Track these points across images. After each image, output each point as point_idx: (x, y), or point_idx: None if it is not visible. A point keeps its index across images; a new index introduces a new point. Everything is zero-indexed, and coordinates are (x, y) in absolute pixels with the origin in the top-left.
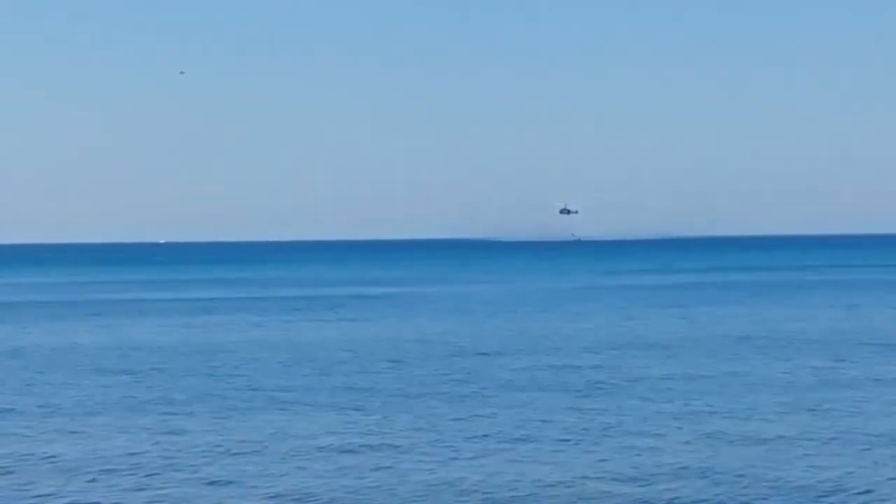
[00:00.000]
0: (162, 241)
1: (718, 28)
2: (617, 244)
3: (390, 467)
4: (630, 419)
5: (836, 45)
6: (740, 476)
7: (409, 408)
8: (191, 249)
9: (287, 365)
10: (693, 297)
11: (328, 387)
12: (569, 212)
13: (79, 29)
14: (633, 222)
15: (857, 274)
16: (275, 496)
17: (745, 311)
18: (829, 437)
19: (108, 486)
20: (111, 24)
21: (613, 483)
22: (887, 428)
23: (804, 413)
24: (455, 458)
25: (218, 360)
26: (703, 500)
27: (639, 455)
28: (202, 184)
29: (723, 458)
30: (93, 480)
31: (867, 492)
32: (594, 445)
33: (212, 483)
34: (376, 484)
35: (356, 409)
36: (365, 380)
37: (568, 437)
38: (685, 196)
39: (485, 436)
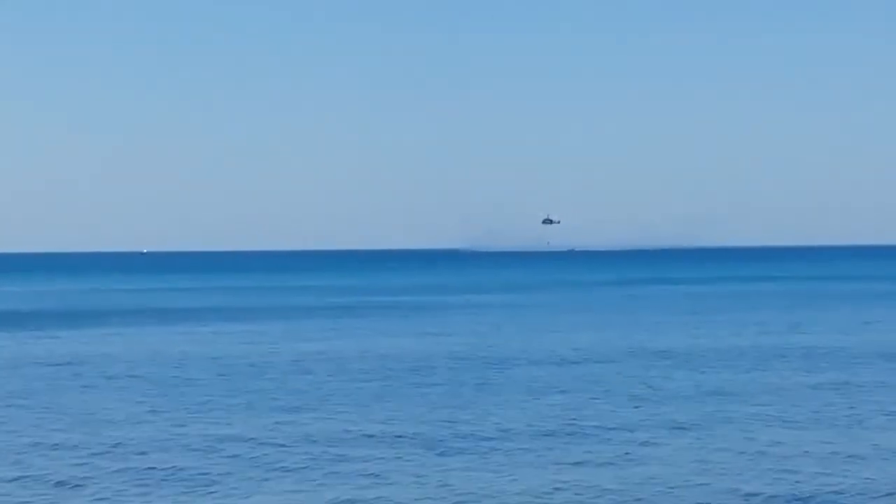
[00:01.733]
0: (145, 251)
1: (708, 43)
2: (612, 254)
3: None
4: (657, 430)
5: (828, 54)
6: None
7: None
8: (178, 258)
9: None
10: (702, 306)
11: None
12: (551, 222)
13: (70, 44)
14: (621, 233)
15: (853, 285)
16: None
17: (756, 319)
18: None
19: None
20: (101, 40)
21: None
22: None
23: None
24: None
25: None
26: None
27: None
28: (183, 194)
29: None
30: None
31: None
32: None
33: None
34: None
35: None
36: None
37: (595, 446)
38: (674, 207)
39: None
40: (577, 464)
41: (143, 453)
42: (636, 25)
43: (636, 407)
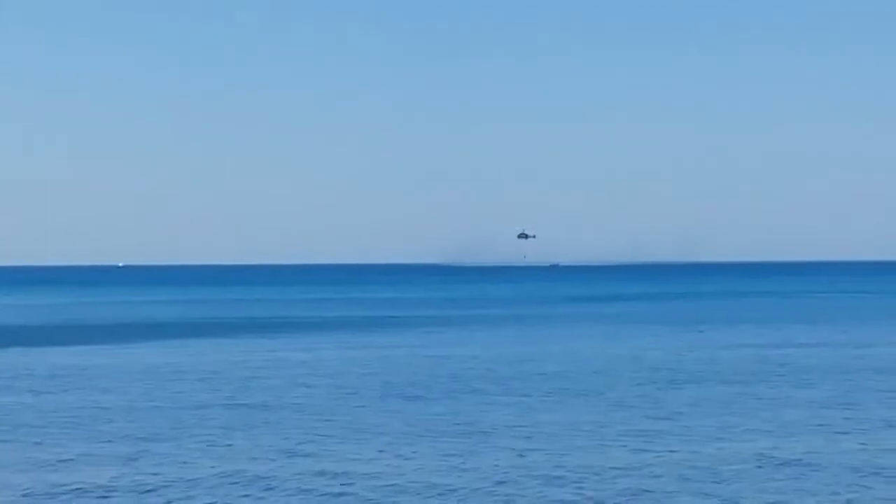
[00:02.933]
0: (121, 264)
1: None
2: (595, 269)
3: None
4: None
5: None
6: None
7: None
8: (156, 272)
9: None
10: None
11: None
12: (527, 236)
13: (50, 60)
14: (597, 247)
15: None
16: None
17: (753, 333)
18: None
19: None
20: (84, 55)
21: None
22: None
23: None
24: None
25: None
26: None
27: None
28: (159, 207)
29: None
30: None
31: None
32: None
33: None
34: None
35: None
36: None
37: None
38: (655, 221)
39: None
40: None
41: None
42: (623, 38)
43: (647, 425)
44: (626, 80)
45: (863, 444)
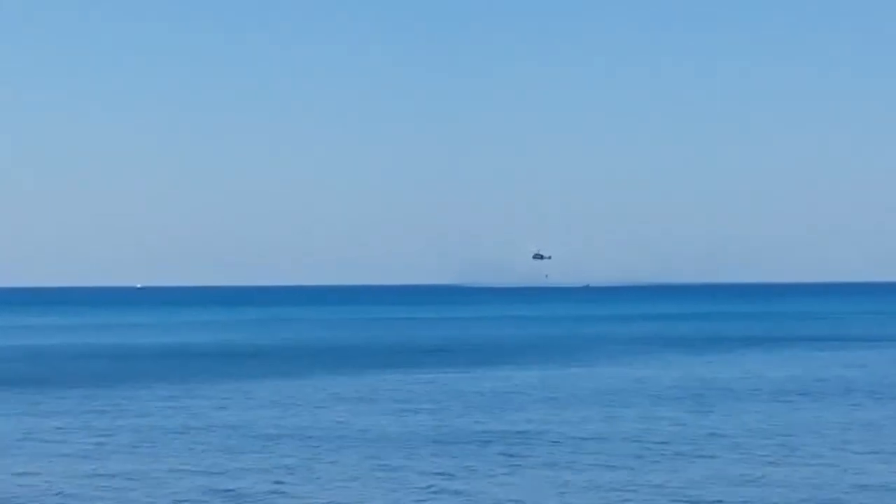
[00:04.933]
0: (139, 285)
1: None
2: (631, 290)
3: None
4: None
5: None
6: None
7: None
8: (180, 293)
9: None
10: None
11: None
12: (542, 257)
13: (51, 81)
14: (612, 269)
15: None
16: None
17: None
18: None
19: None
20: (91, 77)
21: None
22: None
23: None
24: None
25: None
26: None
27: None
28: (174, 230)
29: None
30: None
31: None
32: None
33: None
34: None
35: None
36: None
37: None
38: (670, 243)
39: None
40: None
41: None
42: (647, 49)
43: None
44: (647, 92)
45: None
